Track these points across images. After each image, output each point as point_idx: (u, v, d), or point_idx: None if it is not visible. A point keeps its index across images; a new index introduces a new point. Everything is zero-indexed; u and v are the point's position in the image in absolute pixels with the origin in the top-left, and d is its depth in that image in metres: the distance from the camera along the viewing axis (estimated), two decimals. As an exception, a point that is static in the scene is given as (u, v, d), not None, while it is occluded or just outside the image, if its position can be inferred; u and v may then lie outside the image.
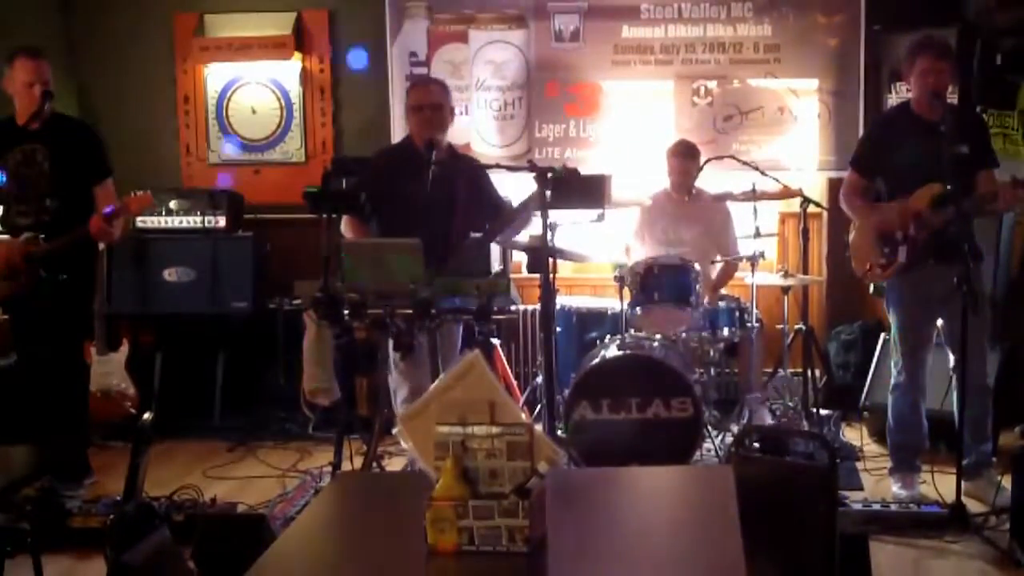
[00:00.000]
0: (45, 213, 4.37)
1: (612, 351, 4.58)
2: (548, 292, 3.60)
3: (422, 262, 3.52)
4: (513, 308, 4.41)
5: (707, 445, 4.68)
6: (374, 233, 4.18)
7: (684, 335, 4.78)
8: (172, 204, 5.78)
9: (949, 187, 3.90)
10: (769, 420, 5.05)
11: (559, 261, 4.57)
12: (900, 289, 4.25)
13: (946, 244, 3.92)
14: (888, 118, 4.70)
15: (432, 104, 4.07)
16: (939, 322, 4.29)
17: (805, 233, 4.90)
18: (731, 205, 5.20)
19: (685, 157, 5.12)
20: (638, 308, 4.70)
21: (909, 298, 4.22)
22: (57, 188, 4.37)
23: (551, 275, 3.67)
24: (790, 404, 5.22)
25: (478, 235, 4.07)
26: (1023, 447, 4.08)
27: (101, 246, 4.83)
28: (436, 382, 2.15)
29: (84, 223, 4.35)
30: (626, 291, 4.78)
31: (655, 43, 5.91)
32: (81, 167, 4.44)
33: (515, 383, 5.57)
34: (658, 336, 4.73)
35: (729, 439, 4.87)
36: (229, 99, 6.33)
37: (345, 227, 4.14)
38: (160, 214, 5.75)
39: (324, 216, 3.76)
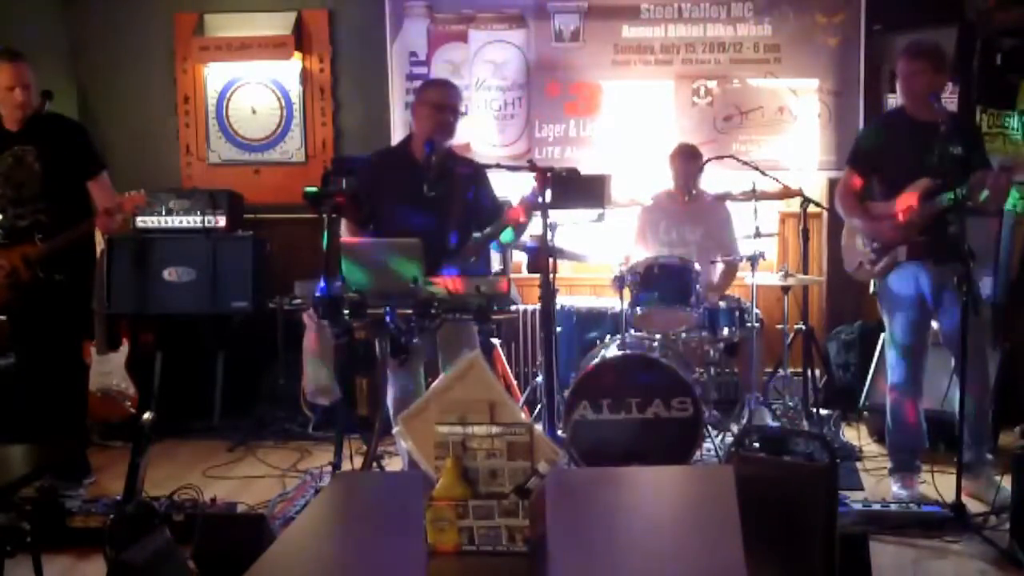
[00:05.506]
0: (42, 213, 4.37)
1: (612, 351, 4.58)
2: (548, 292, 3.60)
3: (422, 262, 3.51)
4: (513, 308, 4.39)
5: (707, 445, 4.67)
6: (372, 235, 4.18)
7: (684, 335, 4.78)
8: (172, 204, 5.78)
9: (940, 181, 3.93)
10: (769, 420, 5.05)
11: (559, 261, 4.58)
12: (893, 287, 4.26)
13: (945, 244, 3.92)
14: (884, 119, 4.73)
15: (452, 107, 4.06)
16: (934, 324, 4.30)
17: (805, 233, 4.91)
18: (731, 205, 5.20)
19: (688, 159, 5.13)
20: (638, 308, 4.70)
21: (902, 296, 4.23)
22: (51, 188, 4.37)
23: (551, 275, 3.67)
24: (790, 404, 5.22)
25: (479, 235, 4.07)
26: (1023, 447, 4.08)
27: (100, 247, 4.83)
28: (436, 382, 2.15)
29: (83, 220, 4.36)
30: (626, 291, 4.79)
31: (655, 43, 5.92)
32: (72, 164, 4.43)
33: (515, 383, 5.57)
34: (658, 336, 4.74)
35: (729, 439, 4.87)
36: (229, 99, 6.33)
37: (344, 229, 4.14)
38: (160, 214, 5.74)
39: (324, 216, 3.76)
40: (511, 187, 4.58)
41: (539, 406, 4.82)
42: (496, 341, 5.34)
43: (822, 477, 2.91)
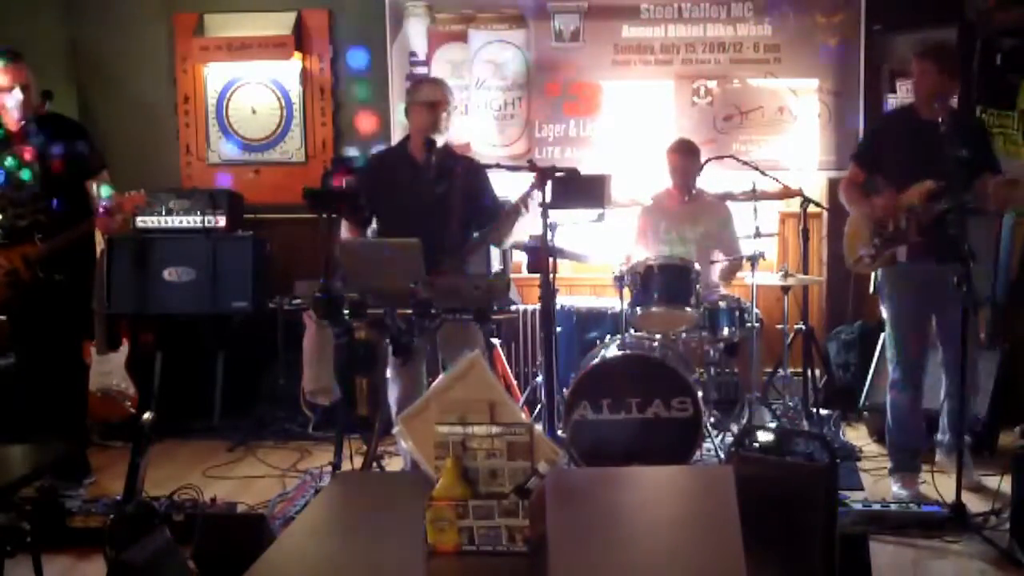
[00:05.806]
0: (42, 213, 4.37)
1: (612, 351, 4.58)
2: (548, 292, 3.60)
3: (422, 262, 3.51)
4: (513, 308, 4.39)
5: (707, 445, 4.68)
6: (372, 235, 4.18)
7: (684, 335, 4.78)
8: (172, 204, 5.78)
9: (943, 183, 3.93)
10: (769, 420, 5.05)
11: (559, 261, 4.58)
12: (893, 282, 4.27)
13: (946, 244, 3.93)
14: (891, 116, 4.74)
15: (444, 103, 4.07)
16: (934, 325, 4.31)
17: (805, 233, 4.91)
18: (731, 205, 5.20)
19: (685, 155, 5.13)
20: (638, 308, 4.70)
21: (902, 291, 4.24)
22: (50, 188, 4.37)
23: (551, 275, 3.67)
24: (790, 404, 5.22)
25: (478, 235, 4.07)
26: (1023, 447, 4.08)
27: (100, 247, 4.83)
28: (436, 382, 2.16)
29: (83, 220, 4.36)
30: (626, 291, 4.78)
31: (655, 43, 5.92)
32: (71, 164, 4.43)
33: (515, 383, 5.57)
34: (658, 336, 4.73)
35: (729, 439, 4.87)
36: (229, 99, 6.33)
37: (344, 229, 4.14)
38: (160, 214, 5.74)
39: (324, 216, 3.76)
40: (511, 187, 4.58)
41: (539, 406, 4.82)
42: (496, 341, 5.34)
43: (822, 477, 2.91)
